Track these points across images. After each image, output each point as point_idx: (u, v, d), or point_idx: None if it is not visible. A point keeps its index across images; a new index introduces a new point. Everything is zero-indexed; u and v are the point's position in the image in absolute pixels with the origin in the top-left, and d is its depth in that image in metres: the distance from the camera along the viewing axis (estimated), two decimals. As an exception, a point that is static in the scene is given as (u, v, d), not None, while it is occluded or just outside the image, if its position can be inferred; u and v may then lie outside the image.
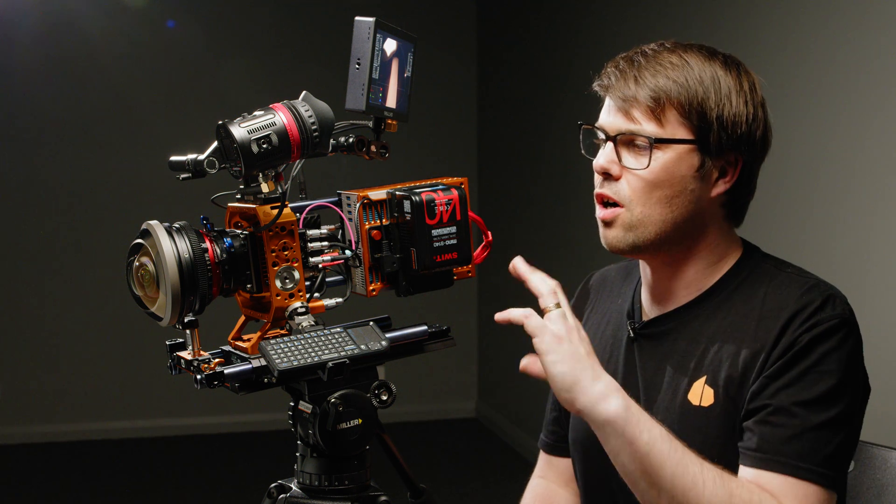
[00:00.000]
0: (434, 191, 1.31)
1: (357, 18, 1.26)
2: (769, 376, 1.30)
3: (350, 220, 1.30)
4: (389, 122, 1.29)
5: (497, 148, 5.23)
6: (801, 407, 1.27)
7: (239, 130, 1.18)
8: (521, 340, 1.13)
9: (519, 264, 1.29)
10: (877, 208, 2.49)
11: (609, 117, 1.39)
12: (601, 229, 1.40)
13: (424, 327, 1.34)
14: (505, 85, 5.12)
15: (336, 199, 1.32)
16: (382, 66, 1.26)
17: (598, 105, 1.45)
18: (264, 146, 1.19)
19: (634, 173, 1.35)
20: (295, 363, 1.18)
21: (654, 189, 1.35)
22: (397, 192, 1.30)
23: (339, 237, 1.31)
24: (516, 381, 5.03)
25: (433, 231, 1.29)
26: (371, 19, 1.24)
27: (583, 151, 1.46)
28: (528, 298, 1.32)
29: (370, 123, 1.29)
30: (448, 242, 1.31)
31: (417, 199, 1.28)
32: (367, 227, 1.29)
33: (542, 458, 1.69)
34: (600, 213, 1.39)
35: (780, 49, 2.84)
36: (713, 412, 1.34)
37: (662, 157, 1.34)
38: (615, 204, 1.37)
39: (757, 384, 1.31)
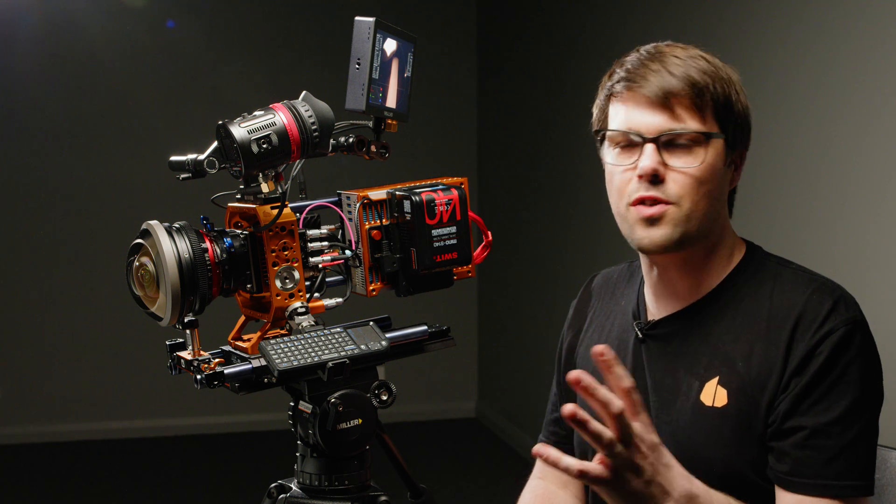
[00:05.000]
0: (434, 191, 1.31)
1: (357, 18, 1.26)
2: (798, 395, 1.29)
3: (350, 220, 1.30)
4: (389, 122, 1.29)
5: (497, 148, 5.23)
6: (835, 425, 1.28)
7: (239, 130, 1.19)
8: (521, 340, 1.13)
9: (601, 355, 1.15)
10: (877, 208, 2.49)
11: (645, 117, 1.34)
12: (642, 229, 1.35)
13: (424, 327, 1.35)
14: (505, 85, 5.12)
15: (336, 199, 1.32)
16: (382, 66, 1.26)
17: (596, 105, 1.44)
18: (264, 146, 1.19)
19: (683, 171, 1.32)
20: (295, 363, 1.18)
21: (702, 185, 1.33)
22: (397, 192, 1.30)
23: (339, 237, 1.31)
24: (516, 381, 5.03)
25: (433, 231, 1.30)
26: (371, 19, 1.24)
27: (605, 160, 1.40)
28: (527, 298, 1.32)
29: (370, 123, 1.29)
30: (448, 242, 1.31)
31: (417, 199, 1.28)
32: (367, 227, 1.30)
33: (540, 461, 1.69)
34: (646, 210, 1.34)
35: (780, 49, 2.84)
36: (727, 412, 1.33)
37: (709, 152, 1.33)
38: (662, 202, 1.34)
39: (785, 403, 1.30)
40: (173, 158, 1.25)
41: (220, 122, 1.20)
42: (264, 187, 1.23)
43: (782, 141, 2.79)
